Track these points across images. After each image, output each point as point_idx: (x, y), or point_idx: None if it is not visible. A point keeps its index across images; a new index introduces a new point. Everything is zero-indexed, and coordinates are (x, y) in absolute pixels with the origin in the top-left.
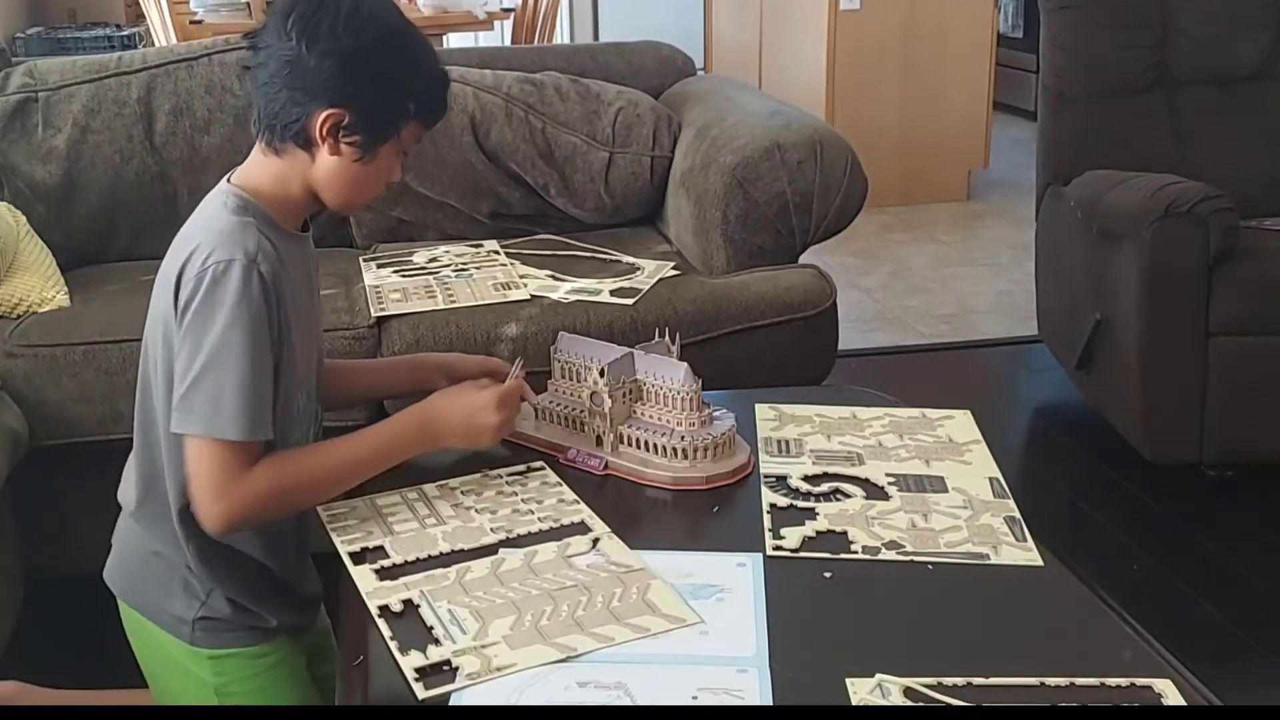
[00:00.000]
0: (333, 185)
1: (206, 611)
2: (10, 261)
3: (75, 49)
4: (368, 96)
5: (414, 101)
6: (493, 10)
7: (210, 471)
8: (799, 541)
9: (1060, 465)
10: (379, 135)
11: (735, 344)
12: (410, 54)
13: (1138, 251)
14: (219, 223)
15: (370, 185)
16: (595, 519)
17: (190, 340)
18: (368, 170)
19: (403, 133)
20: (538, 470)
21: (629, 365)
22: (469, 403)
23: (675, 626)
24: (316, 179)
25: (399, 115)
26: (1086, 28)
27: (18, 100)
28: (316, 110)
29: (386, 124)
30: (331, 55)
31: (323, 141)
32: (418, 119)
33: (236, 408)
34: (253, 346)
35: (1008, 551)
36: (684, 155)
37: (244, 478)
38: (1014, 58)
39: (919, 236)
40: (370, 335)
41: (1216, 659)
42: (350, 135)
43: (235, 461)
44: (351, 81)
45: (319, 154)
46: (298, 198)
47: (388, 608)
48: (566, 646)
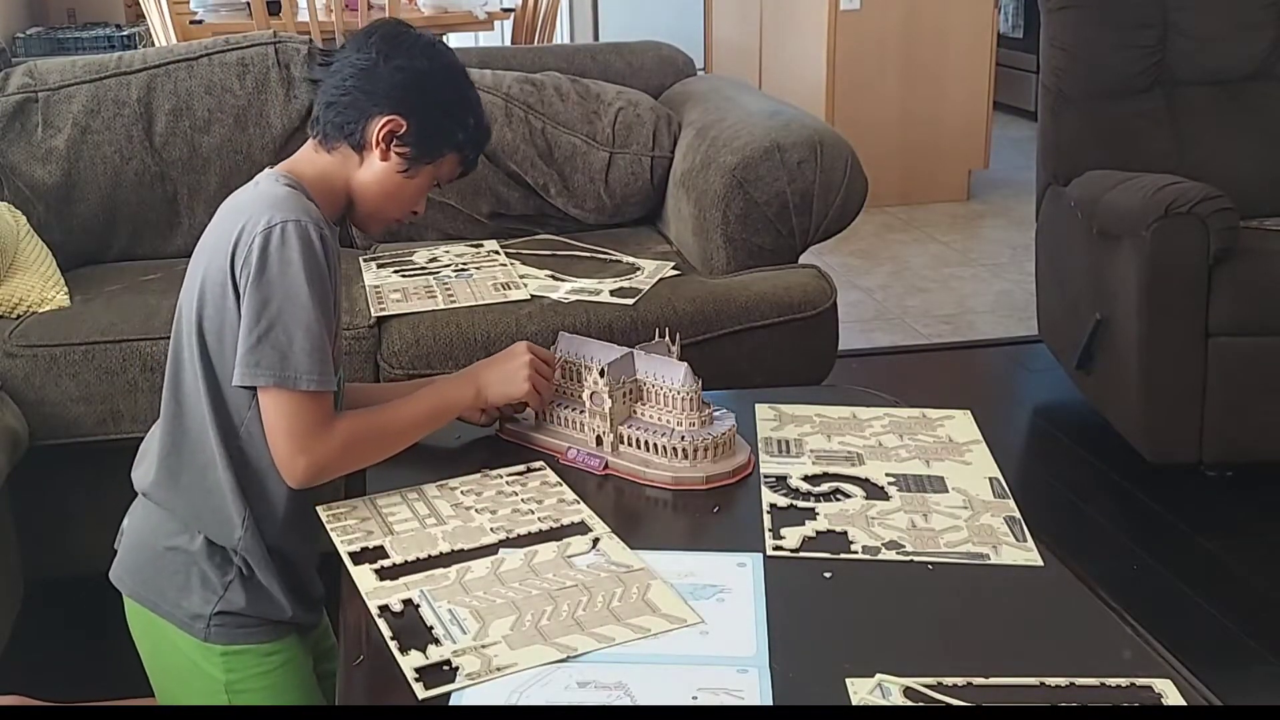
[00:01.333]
0: (370, 190)
1: (224, 606)
2: (10, 261)
3: (75, 49)
4: (427, 113)
5: (464, 133)
6: (493, 10)
7: (290, 425)
8: (799, 541)
9: (1060, 465)
10: (427, 152)
11: (735, 344)
12: (470, 94)
13: (1137, 251)
14: (275, 192)
15: (403, 200)
16: (595, 519)
17: (256, 296)
18: (405, 185)
19: (445, 161)
20: (538, 470)
21: (629, 365)
22: (503, 355)
23: (676, 626)
24: (359, 181)
25: (448, 141)
26: (1086, 28)
27: (18, 100)
28: (379, 115)
29: (437, 144)
30: (405, 70)
31: (375, 145)
32: (460, 152)
33: (308, 359)
34: (319, 301)
35: (1008, 551)
36: (684, 155)
37: (325, 431)
38: (1014, 58)
39: (919, 236)
40: (370, 335)
41: (1216, 659)
42: (402, 145)
43: (314, 414)
44: (418, 95)
45: (368, 158)
46: (337, 196)
47: (388, 607)
48: (567, 646)
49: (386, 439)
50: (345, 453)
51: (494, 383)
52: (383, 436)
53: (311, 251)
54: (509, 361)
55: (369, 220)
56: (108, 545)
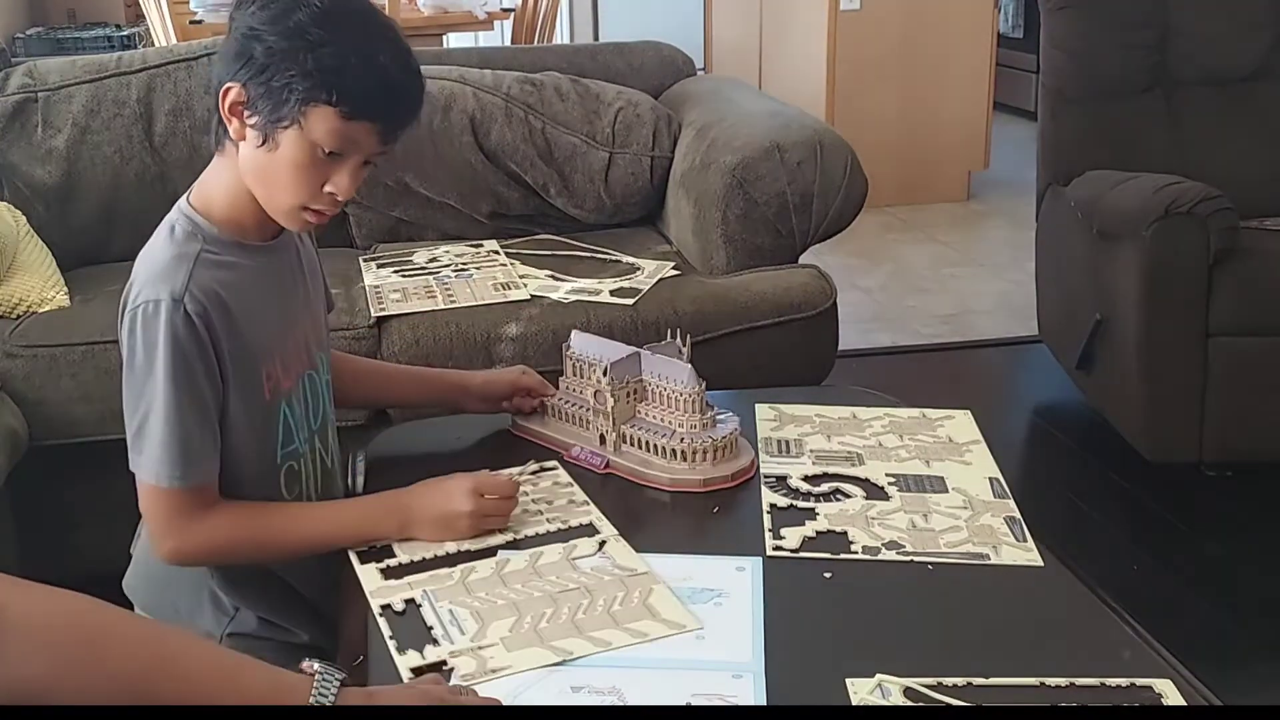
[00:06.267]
0: (251, 180)
1: (235, 627)
2: (10, 261)
3: (75, 49)
4: (261, 68)
5: (303, 75)
6: (493, 10)
7: (152, 514)
8: (799, 542)
9: (1060, 465)
10: (273, 114)
11: (735, 344)
12: (316, 32)
13: (1138, 251)
14: (157, 255)
15: (284, 181)
16: (604, 521)
17: (127, 388)
18: (273, 160)
19: (309, 118)
20: (550, 470)
21: (635, 365)
22: (445, 492)
23: (674, 632)
24: (243, 174)
25: (290, 89)
26: (1086, 28)
27: (18, 100)
28: (223, 91)
29: (279, 98)
30: (239, 28)
31: (230, 123)
32: (327, 103)
33: (165, 458)
34: (185, 391)
35: (1008, 551)
36: (684, 155)
37: (195, 521)
38: (1014, 58)
39: (919, 236)
40: (370, 335)
41: (1216, 659)
42: (251, 114)
43: (176, 505)
44: (249, 51)
45: (239, 144)
46: (252, 203)
47: (390, 606)
48: (563, 650)
49: (280, 549)
50: (222, 547)
51: (426, 525)
52: (275, 545)
53: (172, 334)
54: (447, 487)
55: (274, 214)
56: (108, 546)
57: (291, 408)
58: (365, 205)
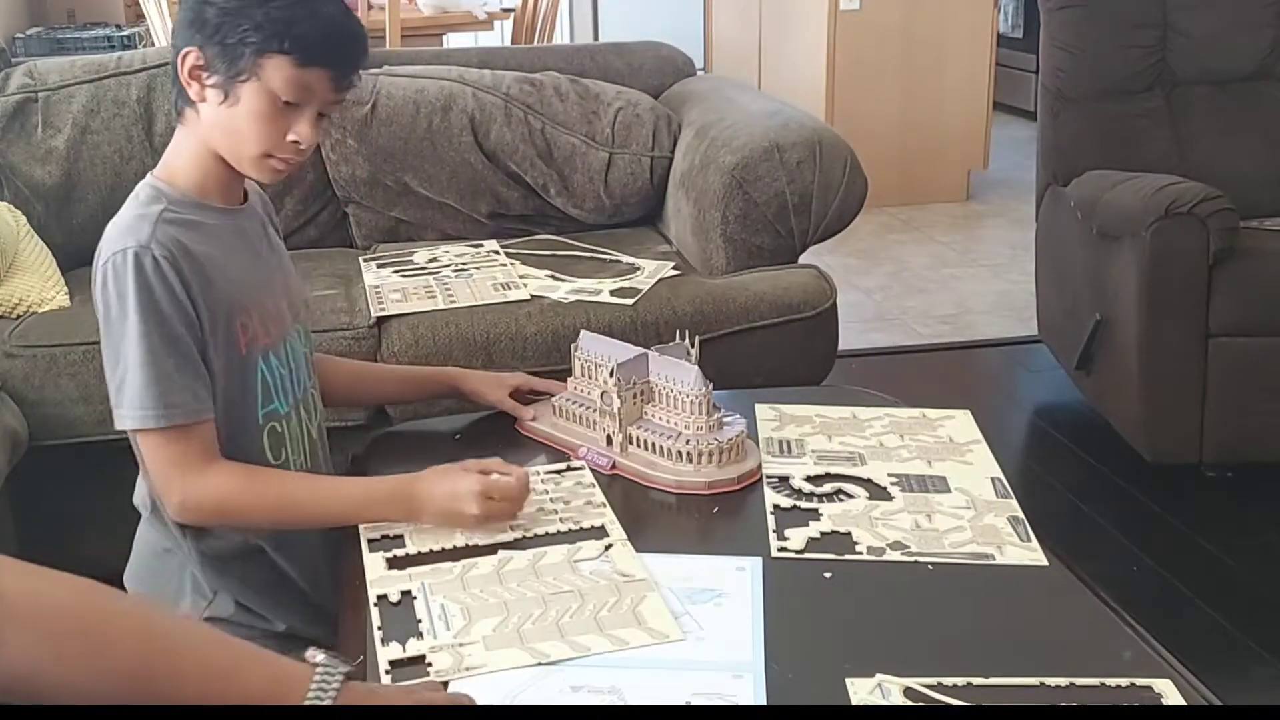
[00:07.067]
0: (216, 138)
1: (213, 611)
2: (10, 261)
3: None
4: (214, 27)
5: (255, 26)
6: (493, 10)
7: (153, 467)
8: (804, 543)
9: (1060, 465)
10: (230, 69)
11: (735, 344)
12: None
13: (1137, 252)
14: (120, 220)
15: (249, 133)
16: (615, 524)
17: (106, 341)
18: (236, 114)
19: (265, 69)
20: (576, 469)
21: (642, 366)
22: (453, 489)
23: (656, 642)
24: (207, 135)
25: (245, 43)
26: (1086, 28)
27: (18, 100)
28: (181, 56)
29: (234, 53)
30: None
31: (190, 87)
32: (280, 52)
33: (143, 398)
34: (157, 332)
35: (1012, 551)
36: (684, 155)
37: (198, 474)
38: (1014, 58)
39: (919, 237)
40: (370, 335)
41: (1216, 659)
42: (209, 74)
43: (174, 457)
44: (201, 12)
45: (200, 108)
46: (212, 162)
47: (385, 597)
48: (540, 652)
49: (286, 515)
50: (226, 504)
51: (434, 515)
52: (281, 510)
53: (143, 279)
54: (456, 483)
55: (243, 167)
56: (108, 546)
57: (270, 366)
58: (365, 205)
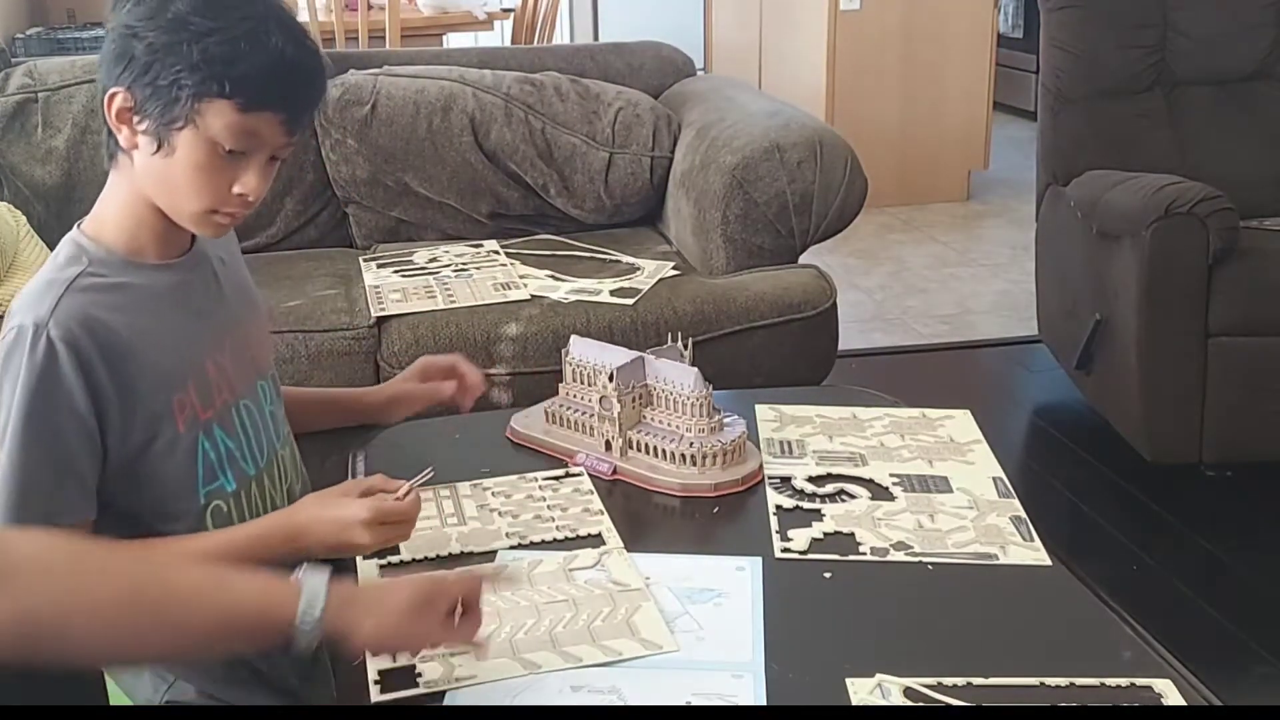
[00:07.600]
0: (151, 188)
1: (172, 696)
2: (10, 261)
3: (75, 49)
4: (143, 68)
5: (199, 71)
6: (493, 10)
7: None
8: (807, 543)
9: (1060, 465)
10: (164, 116)
11: (735, 344)
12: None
13: (1137, 251)
14: (33, 284)
15: (187, 187)
16: (613, 532)
17: None
18: (171, 165)
19: (204, 115)
20: (575, 476)
21: (639, 370)
22: (339, 517)
23: (649, 653)
24: (141, 184)
25: (178, 85)
26: (1086, 28)
27: (18, 100)
28: (108, 98)
29: (168, 99)
30: (115, 31)
31: (119, 131)
32: (221, 96)
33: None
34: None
35: (1015, 551)
36: (684, 155)
37: None
38: (1014, 58)
39: (919, 236)
40: (370, 335)
41: (1216, 659)
42: (140, 120)
43: None
44: (129, 52)
45: (134, 154)
46: (151, 217)
47: None
48: (531, 663)
49: None
50: None
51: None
52: None
53: (32, 362)
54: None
55: (182, 221)
56: None
57: (214, 441)
58: (365, 205)
